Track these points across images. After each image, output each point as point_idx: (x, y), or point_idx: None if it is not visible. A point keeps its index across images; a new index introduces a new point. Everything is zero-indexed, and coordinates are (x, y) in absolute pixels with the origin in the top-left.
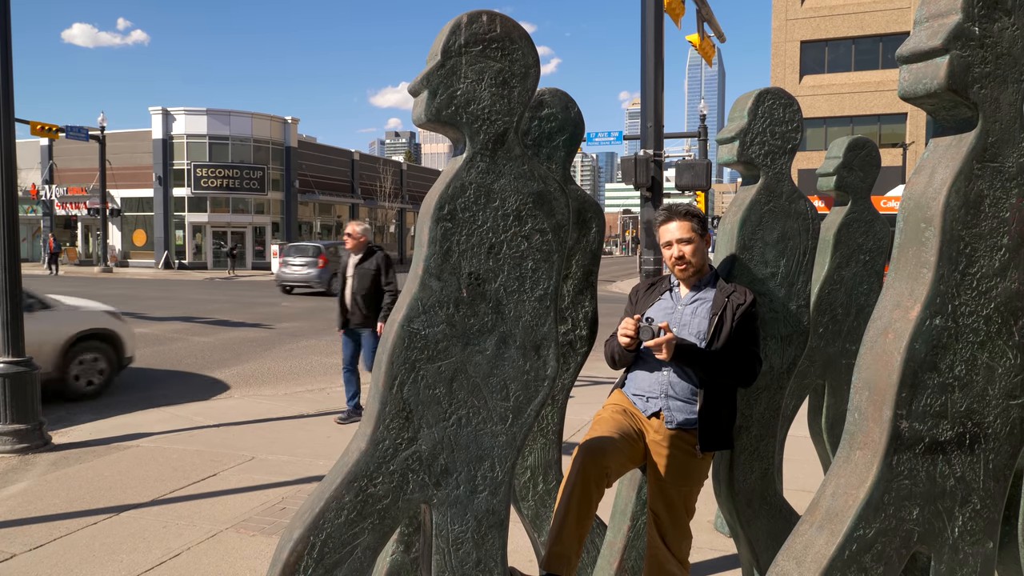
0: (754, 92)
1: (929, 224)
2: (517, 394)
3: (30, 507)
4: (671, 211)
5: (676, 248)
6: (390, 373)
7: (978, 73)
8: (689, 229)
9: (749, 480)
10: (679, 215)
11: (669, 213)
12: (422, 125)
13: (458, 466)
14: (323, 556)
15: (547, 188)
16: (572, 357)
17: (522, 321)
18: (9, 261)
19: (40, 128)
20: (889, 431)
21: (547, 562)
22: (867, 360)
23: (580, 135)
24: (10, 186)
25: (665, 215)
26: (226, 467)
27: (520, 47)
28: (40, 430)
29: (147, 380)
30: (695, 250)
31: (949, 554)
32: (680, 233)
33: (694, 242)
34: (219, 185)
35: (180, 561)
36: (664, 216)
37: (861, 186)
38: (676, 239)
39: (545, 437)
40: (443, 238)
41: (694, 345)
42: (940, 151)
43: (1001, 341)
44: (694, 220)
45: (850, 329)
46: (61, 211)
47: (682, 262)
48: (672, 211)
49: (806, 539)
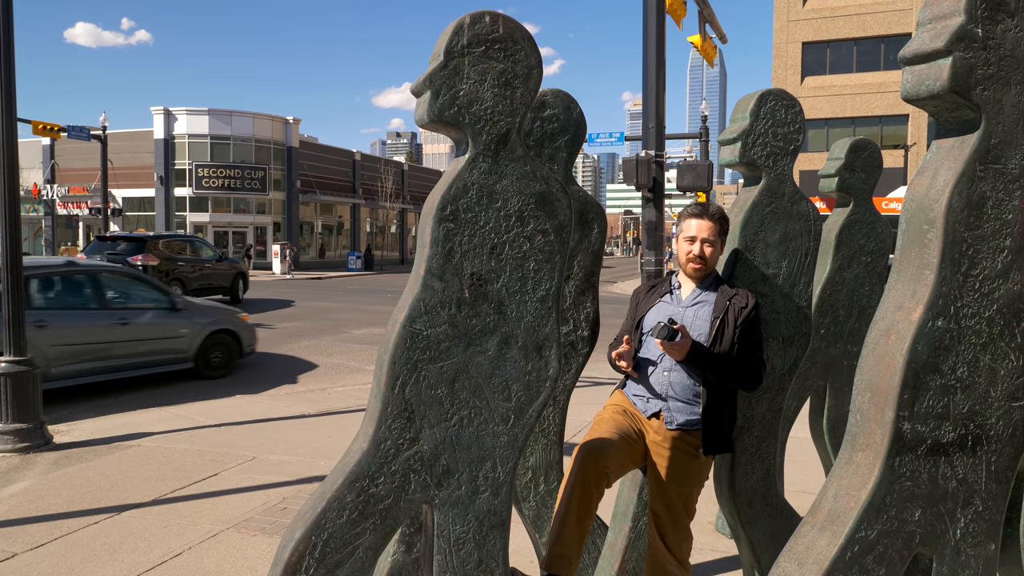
0: (756, 93)
1: (932, 226)
2: (519, 395)
3: (31, 506)
4: (705, 208)
5: (699, 246)
6: (392, 373)
7: (981, 75)
8: (716, 232)
9: (750, 481)
10: (710, 216)
11: (703, 210)
12: (424, 126)
13: (460, 466)
14: (325, 556)
15: (549, 189)
16: (574, 358)
17: (524, 322)
18: (11, 261)
19: (42, 128)
20: (891, 433)
21: (548, 562)
22: (869, 362)
23: (582, 136)
24: (12, 186)
25: (699, 210)
26: (227, 467)
27: (523, 48)
28: (41, 429)
29: (145, 380)
30: (714, 253)
31: (951, 556)
32: (707, 233)
33: (716, 245)
34: (221, 185)
35: (181, 561)
36: (698, 211)
37: (863, 187)
38: (703, 238)
39: (546, 438)
40: (445, 239)
41: (705, 347)
42: (943, 153)
43: (1003, 343)
44: (721, 225)
45: (852, 331)
46: (63, 211)
47: (700, 260)
48: (704, 209)
49: (808, 540)
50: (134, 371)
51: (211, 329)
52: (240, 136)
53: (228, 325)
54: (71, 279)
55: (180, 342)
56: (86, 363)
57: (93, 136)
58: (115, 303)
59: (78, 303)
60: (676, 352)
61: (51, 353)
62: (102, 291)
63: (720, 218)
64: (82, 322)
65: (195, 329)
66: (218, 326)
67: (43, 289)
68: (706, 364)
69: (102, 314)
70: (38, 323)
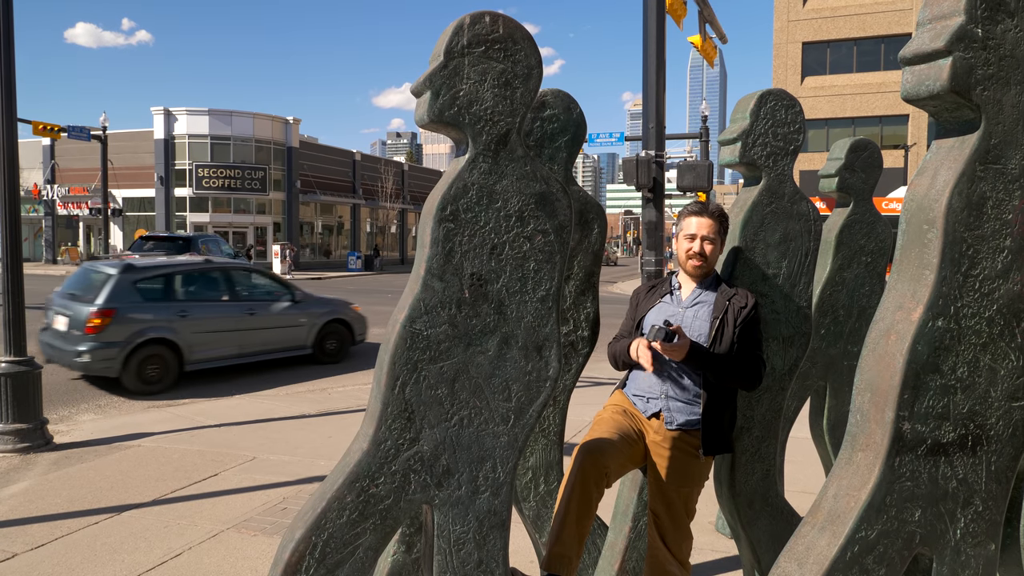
0: (756, 93)
1: (932, 226)
2: (519, 395)
3: (31, 506)
4: (705, 206)
5: (699, 243)
6: (392, 373)
7: (981, 75)
8: (716, 230)
9: (751, 481)
10: (711, 213)
11: (703, 208)
12: (425, 126)
13: (460, 467)
14: (325, 556)
15: (549, 189)
16: (574, 358)
17: (524, 322)
18: (12, 261)
19: (42, 128)
20: (891, 433)
21: (548, 562)
22: (869, 362)
23: (582, 136)
24: (12, 186)
25: (699, 208)
26: (227, 467)
27: (523, 48)
28: (42, 429)
29: None
30: (714, 251)
31: (951, 556)
32: (707, 231)
33: (716, 243)
34: (221, 185)
35: (181, 561)
36: (698, 208)
37: (863, 188)
38: (702, 235)
39: (547, 438)
40: (445, 239)
41: (705, 347)
42: (943, 153)
43: (1003, 343)
44: (720, 223)
45: (852, 331)
46: (63, 211)
47: (700, 258)
48: (705, 207)
49: (808, 541)
50: (260, 357)
51: (326, 319)
52: (240, 136)
53: (342, 315)
54: (208, 275)
55: (299, 331)
56: (220, 349)
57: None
58: (244, 296)
59: (213, 296)
60: (675, 353)
61: (192, 340)
62: (233, 285)
63: (720, 216)
64: (217, 312)
65: (312, 319)
66: (332, 316)
67: (185, 284)
68: (706, 364)
69: (233, 306)
70: (181, 313)
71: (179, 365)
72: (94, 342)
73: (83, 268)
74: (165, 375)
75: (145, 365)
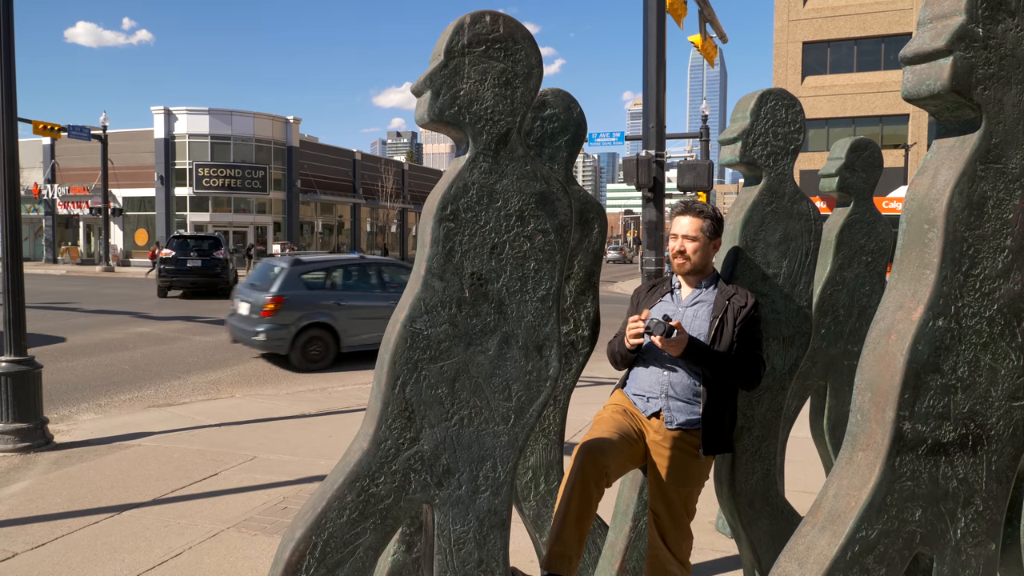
0: (756, 93)
1: (932, 225)
2: (519, 394)
3: (32, 506)
4: (688, 206)
5: (680, 242)
6: (392, 373)
7: (982, 74)
8: (698, 228)
9: (751, 481)
10: (693, 212)
11: (685, 207)
12: (425, 125)
13: (460, 466)
14: (325, 556)
15: (550, 188)
16: (574, 357)
17: (524, 321)
18: (12, 260)
19: (42, 127)
20: (891, 432)
21: (548, 562)
22: (869, 361)
23: (582, 136)
24: (13, 185)
25: (681, 208)
26: (228, 466)
27: (523, 47)
28: (42, 429)
29: (143, 379)
30: (697, 248)
31: (951, 556)
32: (687, 230)
33: (699, 240)
34: (221, 185)
35: (181, 560)
36: (680, 208)
37: (863, 187)
38: (683, 234)
39: (547, 437)
40: (446, 238)
41: (704, 344)
42: (943, 152)
43: (1004, 343)
44: (707, 221)
45: (852, 330)
46: (63, 210)
47: (681, 256)
48: (689, 206)
49: (808, 540)
50: None
51: None
52: (240, 136)
53: None
54: (360, 269)
55: None
56: (371, 334)
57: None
58: (390, 287)
59: (364, 288)
60: (674, 348)
61: (346, 327)
62: (382, 278)
63: (702, 213)
64: (366, 302)
65: None
66: None
67: (341, 278)
68: (704, 360)
69: (380, 295)
70: (337, 303)
71: (337, 347)
72: (269, 324)
73: (263, 263)
74: (325, 355)
75: (309, 345)
